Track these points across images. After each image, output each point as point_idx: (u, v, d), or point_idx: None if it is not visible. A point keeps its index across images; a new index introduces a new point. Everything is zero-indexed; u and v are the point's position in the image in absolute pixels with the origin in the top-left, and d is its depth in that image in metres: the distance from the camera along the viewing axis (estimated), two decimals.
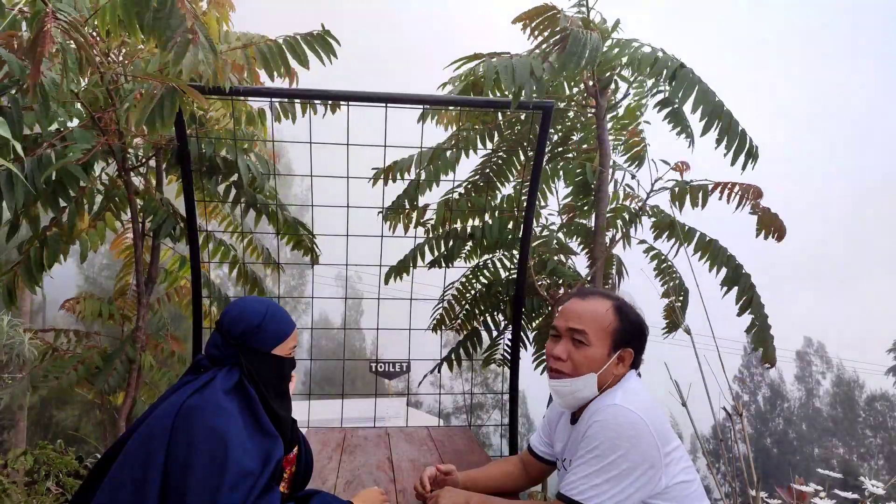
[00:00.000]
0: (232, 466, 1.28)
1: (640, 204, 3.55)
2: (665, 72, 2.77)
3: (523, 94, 2.50)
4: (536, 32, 2.92)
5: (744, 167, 2.85)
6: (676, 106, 3.35)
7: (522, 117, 3.54)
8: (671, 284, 3.57)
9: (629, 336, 1.49)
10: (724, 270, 3.39)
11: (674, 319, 3.50)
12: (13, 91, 2.03)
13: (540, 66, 2.55)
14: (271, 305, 1.56)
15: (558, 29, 2.76)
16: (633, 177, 3.58)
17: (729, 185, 3.35)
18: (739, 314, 3.38)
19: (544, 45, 2.75)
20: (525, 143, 3.55)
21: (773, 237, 3.30)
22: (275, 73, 2.54)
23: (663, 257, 3.64)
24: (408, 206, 3.48)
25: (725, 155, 2.83)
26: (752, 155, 2.86)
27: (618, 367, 1.50)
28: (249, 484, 1.30)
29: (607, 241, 3.52)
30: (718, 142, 2.81)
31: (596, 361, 1.47)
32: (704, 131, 2.81)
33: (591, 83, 3.32)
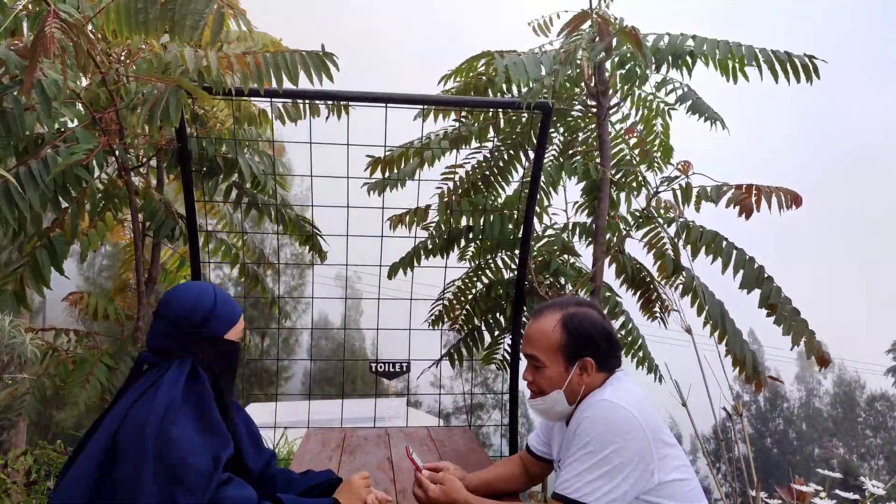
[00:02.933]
0: (185, 469, 1.22)
1: (644, 206, 3.54)
2: (676, 46, 2.72)
3: (534, 90, 2.51)
4: (569, 35, 2.89)
5: (808, 80, 2.67)
6: (696, 98, 3.21)
7: (524, 117, 3.53)
8: (694, 297, 3.35)
9: (579, 347, 1.48)
10: (733, 266, 3.23)
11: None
12: (14, 91, 2.03)
13: (550, 63, 2.57)
14: (216, 288, 1.48)
15: (590, 28, 2.75)
16: (644, 179, 3.56)
17: (755, 189, 2.99)
18: (769, 314, 3.05)
19: (583, 46, 2.72)
20: (526, 144, 3.55)
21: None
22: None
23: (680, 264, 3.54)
24: (407, 207, 3.48)
25: (778, 79, 2.67)
26: (810, 68, 2.66)
27: (584, 377, 1.49)
28: (203, 484, 1.25)
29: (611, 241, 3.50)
30: (771, 67, 2.65)
31: (555, 380, 1.50)
32: (745, 64, 2.71)
33: (592, 83, 3.32)
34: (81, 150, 2.38)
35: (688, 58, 2.89)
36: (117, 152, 2.70)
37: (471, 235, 3.51)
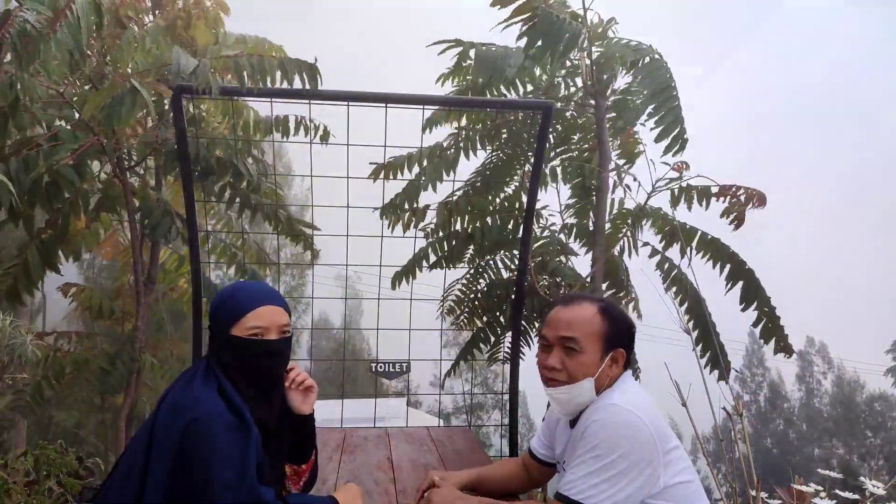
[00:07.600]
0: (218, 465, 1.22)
1: (639, 207, 3.54)
2: (636, 63, 2.83)
3: (502, 86, 2.52)
4: (514, 17, 2.91)
5: (674, 153, 3.03)
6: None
7: (520, 117, 3.53)
8: (682, 292, 3.48)
9: (619, 337, 1.50)
10: (727, 266, 3.36)
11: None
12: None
13: (513, 53, 2.55)
14: (244, 286, 1.44)
15: (529, 13, 2.75)
16: (635, 179, 3.56)
17: (733, 189, 3.29)
18: (744, 309, 3.36)
19: (520, 28, 2.75)
20: (524, 145, 3.55)
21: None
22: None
23: (669, 262, 3.59)
24: (407, 207, 3.47)
25: (658, 141, 3.02)
26: (680, 140, 3.00)
27: (612, 369, 1.50)
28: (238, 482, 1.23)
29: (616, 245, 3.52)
30: (659, 124, 2.97)
31: (590, 367, 1.48)
32: (651, 116, 2.99)
33: (589, 83, 3.32)
34: (66, 150, 2.36)
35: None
36: (108, 151, 2.69)
37: (469, 236, 3.51)
